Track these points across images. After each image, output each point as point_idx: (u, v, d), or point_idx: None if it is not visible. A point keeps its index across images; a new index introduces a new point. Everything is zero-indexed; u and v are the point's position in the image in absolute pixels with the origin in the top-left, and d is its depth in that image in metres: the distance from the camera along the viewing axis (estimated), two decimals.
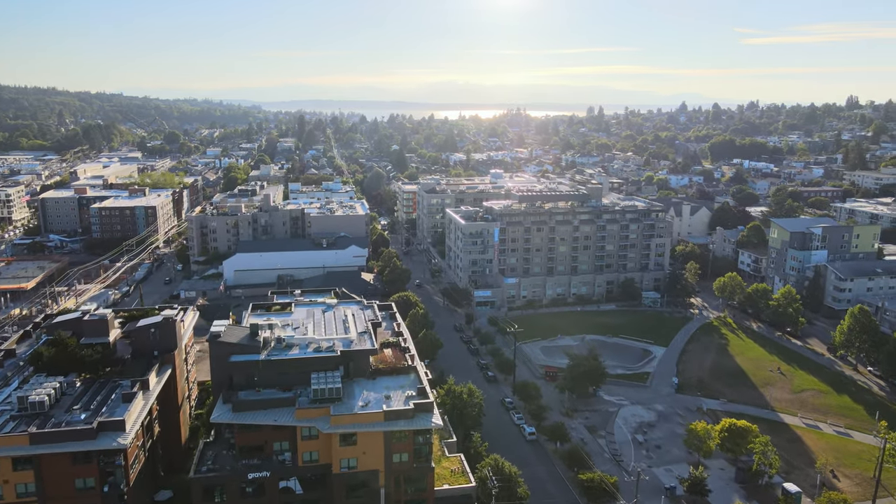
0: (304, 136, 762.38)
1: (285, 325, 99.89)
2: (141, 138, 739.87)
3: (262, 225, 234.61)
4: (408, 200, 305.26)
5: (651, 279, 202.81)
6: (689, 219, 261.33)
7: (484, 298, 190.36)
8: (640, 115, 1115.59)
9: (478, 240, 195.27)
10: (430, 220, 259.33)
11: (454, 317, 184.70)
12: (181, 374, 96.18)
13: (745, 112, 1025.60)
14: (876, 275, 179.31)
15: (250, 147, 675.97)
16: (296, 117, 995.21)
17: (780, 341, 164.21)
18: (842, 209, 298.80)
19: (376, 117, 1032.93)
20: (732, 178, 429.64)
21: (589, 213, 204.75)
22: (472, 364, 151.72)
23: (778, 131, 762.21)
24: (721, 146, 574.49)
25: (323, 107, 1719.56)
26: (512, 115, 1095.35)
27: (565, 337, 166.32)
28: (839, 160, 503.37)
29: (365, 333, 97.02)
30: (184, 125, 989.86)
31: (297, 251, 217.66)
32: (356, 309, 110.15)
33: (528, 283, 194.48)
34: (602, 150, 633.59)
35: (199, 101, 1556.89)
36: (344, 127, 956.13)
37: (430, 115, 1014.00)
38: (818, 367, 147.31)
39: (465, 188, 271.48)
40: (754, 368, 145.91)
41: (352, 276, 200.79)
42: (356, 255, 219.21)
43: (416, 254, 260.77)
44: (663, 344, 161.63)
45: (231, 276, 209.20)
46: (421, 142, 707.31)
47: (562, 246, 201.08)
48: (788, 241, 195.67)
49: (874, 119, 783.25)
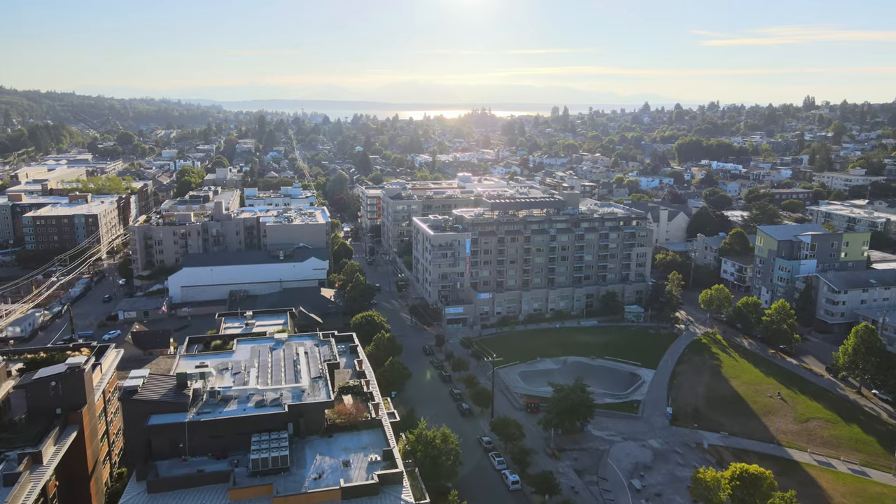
0: (265, 137, 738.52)
1: (223, 370, 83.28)
2: (92, 139, 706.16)
3: (213, 235, 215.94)
4: (372, 206, 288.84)
5: (633, 292, 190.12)
6: (667, 225, 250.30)
7: (455, 316, 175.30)
8: (604, 116, 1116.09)
9: (448, 252, 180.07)
10: (396, 228, 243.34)
11: (423, 337, 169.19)
12: (93, 435, 78.83)
13: (706, 112, 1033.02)
14: (870, 286, 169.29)
15: (208, 149, 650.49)
16: (256, 118, 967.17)
17: (774, 360, 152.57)
18: (818, 212, 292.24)
19: (339, 118, 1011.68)
20: (703, 180, 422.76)
21: (566, 222, 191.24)
22: (445, 394, 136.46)
23: (740, 132, 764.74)
24: (688, 147, 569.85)
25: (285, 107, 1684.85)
26: (477, 116, 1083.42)
27: (545, 359, 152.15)
28: (804, 161, 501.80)
29: (319, 379, 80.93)
30: (139, 126, 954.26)
31: (251, 264, 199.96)
32: (310, 345, 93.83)
33: (503, 298, 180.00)
34: (569, 150, 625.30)
35: (157, 100, 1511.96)
36: (306, 128, 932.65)
37: (395, 116, 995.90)
38: (820, 391, 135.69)
39: (433, 193, 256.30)
40: (753, 394, 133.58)
41: (310, 292, 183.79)
42: (316, 267, 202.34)
43: (382, 264, 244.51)
44: (651, 366, 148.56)
45: (177, 292, 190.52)
46: (385, 143, 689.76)
47: (538, 257, 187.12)
48: (776, 250, 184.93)
49: (831, 119, 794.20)
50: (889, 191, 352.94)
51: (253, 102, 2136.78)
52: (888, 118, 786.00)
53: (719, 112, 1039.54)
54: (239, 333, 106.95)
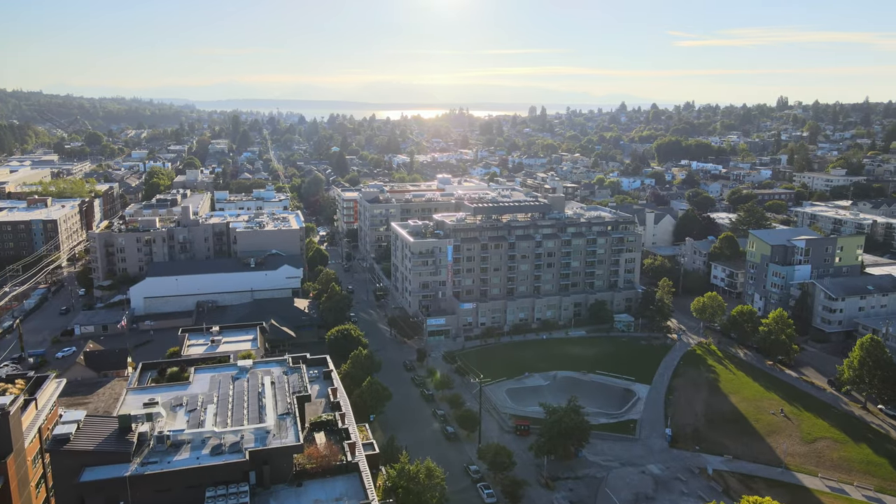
0: (239, 137, 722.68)
1: (176, 407, 72.89)
2: (59, 140, 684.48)
3: (179, 242, 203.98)
4: (348, 209, 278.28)
5: (622, 299, 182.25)
6: (654, 228, 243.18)
7: (437, 327, 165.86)
8: (582, 116, 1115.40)
9: (429, 259, 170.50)
10: (374, 233, 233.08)
11: (403, 351, 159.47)
12: (23, 485, 68.03)
13: (682, 112, 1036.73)
14: (867, 293, 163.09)
15: (180, 149, 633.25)
16: (230, 117, 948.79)
17: (772, 373, 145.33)
18: (803, 214, 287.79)
19: (316, 118, 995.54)
20: (685, 180, 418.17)
21: (552, 226, 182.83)
22: (428, 415, 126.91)
23: (717, 131, 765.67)
24: (667, 147, 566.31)
25: (261, 106, 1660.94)
26: (455, 116, 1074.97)
27: (534, 374, 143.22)
28: (783, 161, 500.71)
29: (287, 417, 70.95)
30: (109, 126, 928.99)
31: (220, 273, 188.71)
32: (278, 373, 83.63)
33: (487, 308, 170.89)
34: (548, 150, 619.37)
35: (128, 99, 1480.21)
36: (282, 128, 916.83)
37: (372, 116, 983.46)
38: (824, 406, 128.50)
39: (412, 196, 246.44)
40: (754, 411, 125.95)
41: (283, 303, 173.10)
42: (289, 276, 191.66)
43: (359, 270, 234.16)
44: (646, 380, 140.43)
45: (140, 304, 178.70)
46: (362, 143, 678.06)
47: (523, 264, 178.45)
48: (769, 256, 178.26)
49: (805, 119, 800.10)
50: (870, 191, 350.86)
51: (228, 102, 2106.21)
52: (860, 118, 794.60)
53: (695, 112, 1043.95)
54: (199, 357, 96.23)
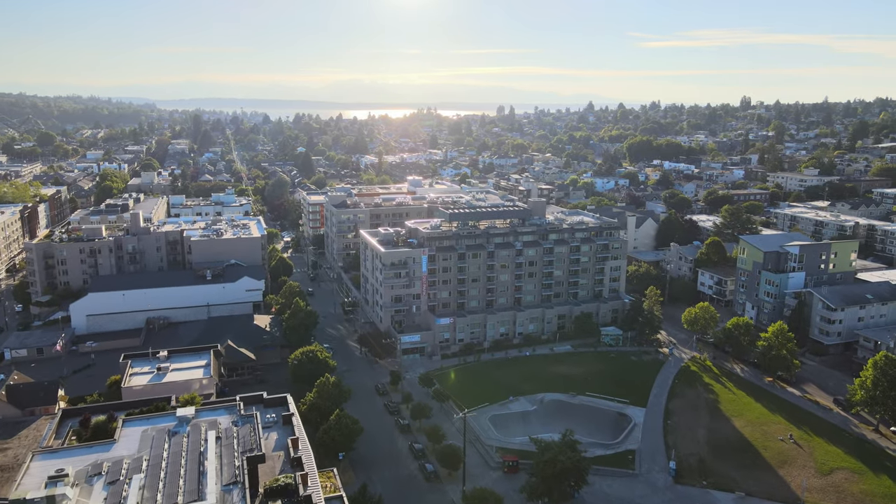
0: (201, 137, 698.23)
1: (93, 477, 58.42)
2: (9, 140, 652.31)
3: (128, 252, 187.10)
4: (314, 214, 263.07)
5: (608, 311, 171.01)
6: (635, 232, 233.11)
7: (412, 345, 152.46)
8: (550, 115, 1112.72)
9: (402, 270, 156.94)
10: (342, 240, 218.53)
11: (375, 372, 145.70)
12: None
13: (648, 112, 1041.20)
14: (867, 302, 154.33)
15: (138, 150, 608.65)
16: (192, 117, 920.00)
17: (774, 391, 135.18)
18: (782, 216, 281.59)
19: (281, 117, 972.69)
20: (659, 181, 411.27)
21: (533, 233, 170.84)
22: (404, 449, 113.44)
23: (684, 131, 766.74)
24: (638, 146, 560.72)
25: (225, 106, 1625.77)
26: (423, 115, 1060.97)
27: (519, 398, 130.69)
28: (753, 161, 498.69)
29: (234, 487, 57.10)
30: (65, 125, 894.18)
31: (173, 287, 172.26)
32: (226, 424, 69.52)
33: (465, 322, 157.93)
34: (519, 150, 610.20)
35: (85, 98, 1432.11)
36: (245, 128, 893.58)
37: (339, 115, 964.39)
38: (834, 430, 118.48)
39: (381, 200, 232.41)
40: (762, 437, 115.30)
41: (242, 321, 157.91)
42: (250, 288, 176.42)
43: (326, 280, 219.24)
44: (640, 403, 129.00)
45: (82, 322, 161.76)
46: (329, 143, 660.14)
47: (503, 274, 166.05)
48: (762, 263, 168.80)
49: (769, 118, 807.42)
50: (844, 191, 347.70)
51: (191, 101, 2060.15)
52: (821, 118, 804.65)
53: (661, 112, 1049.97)
54: (133, 400, 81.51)
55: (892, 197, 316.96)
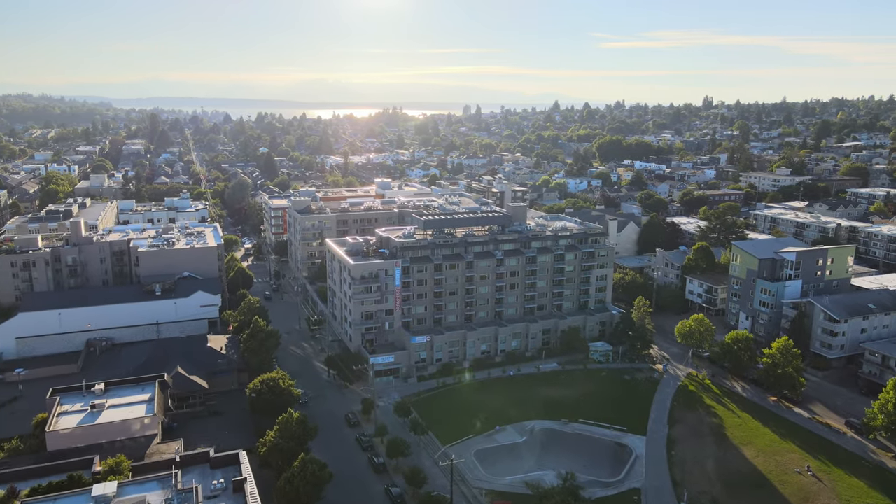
0: (157, 137, 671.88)
1: None
2: None
3: (68, 265, 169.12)
4: (277, 219, 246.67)
5: (595, 324, 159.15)
6: (616, 237, 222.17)
7: (385, 366, 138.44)
8: (517, 114, 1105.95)
9: (373, 284, 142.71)
10: (306, 248, 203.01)
11: (345, 399, 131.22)
12: None
13: (614, 112, 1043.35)
14: (870, 312, 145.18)
15: (90, 150, 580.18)
16: (149, 115, 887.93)
17: (780, 412, 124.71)
18: (762, 217, 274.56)
19: (242, 116, 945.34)
20: (632, 181, 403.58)
21: (514, 241, 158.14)
22: (379, 494, 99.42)
23: (650, 130, 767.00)
24: (608, 146, 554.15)
25: (185, 105, 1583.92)
26: (388, 115, 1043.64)
27: (506, 427, 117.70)
28: (723, 160, 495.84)
29: None
30: (13, 124, 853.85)
31: (117, 304, 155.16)
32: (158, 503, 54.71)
33: (443, 341, 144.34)
34: (487, 150, 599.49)
35: (36, 96, 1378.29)
36: (205, 127, 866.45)
37: (302, 115, 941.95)
38: (852, 458, 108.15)
39: (349, 205, 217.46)
40: (776, 469, 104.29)
41: (194, 342, 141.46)
42: (204, 304, 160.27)
43: (290, 292, 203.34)
44: (639, 430, 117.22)
45: (10, 346, 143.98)
46: (293, 143, 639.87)
47: (482, 286, 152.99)
48: (757, 271, 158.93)
49: (732, 118, 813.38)
50: (817, 191, 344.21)
51: (149, 100, 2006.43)
52: (782, 117, 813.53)
53: (626, 111, 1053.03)
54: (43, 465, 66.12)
55: (865, 197, 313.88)
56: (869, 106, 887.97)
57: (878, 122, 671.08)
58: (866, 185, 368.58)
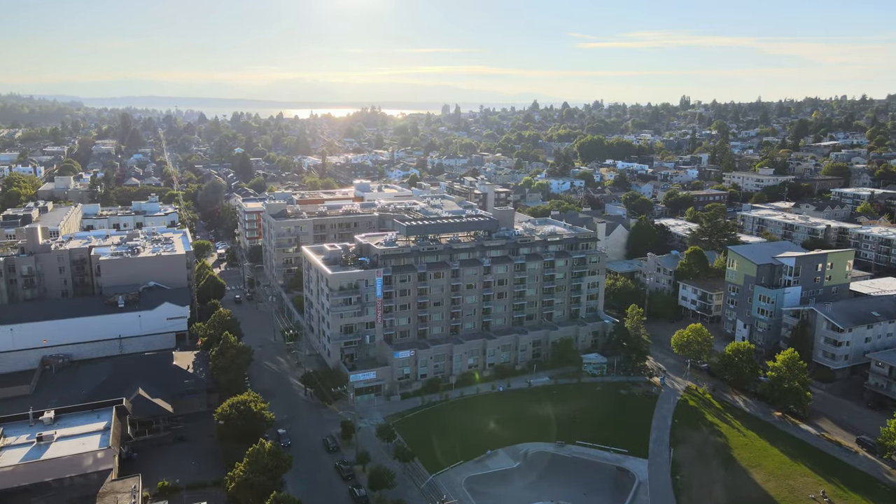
0: (129, 137, 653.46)
1: None
2: None
3: (23, 275, 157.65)
4: (251, 223, 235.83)
5: (588, 334, 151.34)
6: (605, 240, 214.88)
7: (366, 383, 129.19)
8: (496, 114, 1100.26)
9: (353, 295, 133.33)
10: (282, 255, 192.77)
11: (323, 420, 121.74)
12: None
13: (592, 111, 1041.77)
14: (874, 320, 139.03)
15: (58, 151, 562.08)
16: (120, 115, 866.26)
17: (787, 429, 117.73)
18: (750, 219, 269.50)
19: (217, 116, 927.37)
20: (616, 181, 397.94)
21: (502, 247, 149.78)
22: None
23: (629, 130, 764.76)
24: (589, 146, 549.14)
25: (159, 104, 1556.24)
26: (367, 115, 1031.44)
27: (498, 451, 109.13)
28: (704, 160, 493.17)
29: None
30: None
31: (76, 317, 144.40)
32: None
33: (428, 355, 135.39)
34: (467, 150, 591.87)
35: (4, 95, 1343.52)
36: (179, 127, 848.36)
37: (279, 114, 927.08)
38: (867, 480, 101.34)
39: (327, 209, 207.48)
40: (790, 496, 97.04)
41: (158, 361, 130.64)
42: (171, 316, 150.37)
43: (264, 301, 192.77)
44: (640, 452, 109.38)
45: None
46: (269, 143, 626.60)
47: (469, 295, 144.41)
48: (754, 277, 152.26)
49: (709, 118, 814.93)
50: (801, 191, 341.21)
51: (122, 99, 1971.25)
52: (758, 116, 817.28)
53: (605, 111, 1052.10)
54: None
55: (850, 197, 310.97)
56: (842, 105, 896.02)
57: (853, 122, 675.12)
58: (848, 184, 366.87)
